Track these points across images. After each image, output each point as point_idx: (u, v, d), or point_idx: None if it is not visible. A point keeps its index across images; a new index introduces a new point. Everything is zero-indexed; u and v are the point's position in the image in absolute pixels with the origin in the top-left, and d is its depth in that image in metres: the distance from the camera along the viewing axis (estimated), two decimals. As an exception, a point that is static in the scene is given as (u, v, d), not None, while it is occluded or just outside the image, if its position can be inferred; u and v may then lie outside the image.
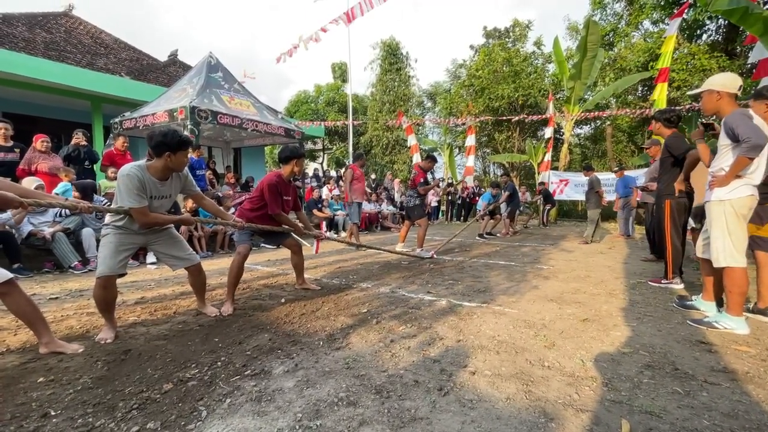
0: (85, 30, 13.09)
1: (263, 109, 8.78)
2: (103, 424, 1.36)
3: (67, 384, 1.67)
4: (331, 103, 22.90)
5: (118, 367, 1.86)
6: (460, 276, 4.09)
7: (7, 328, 2.40)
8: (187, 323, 2.54)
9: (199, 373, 1.77)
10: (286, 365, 1.86)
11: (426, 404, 1.51)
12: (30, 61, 8.24)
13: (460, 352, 2.04)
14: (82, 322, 2.56)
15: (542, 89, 15.70)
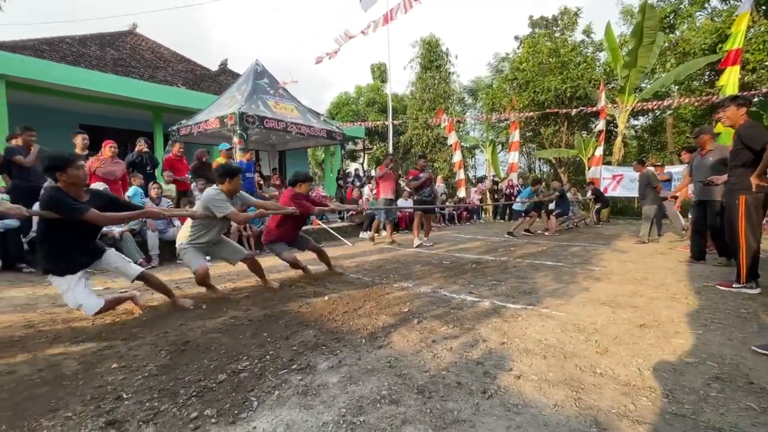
0: (146, 46, 14.22)
1: (306, 113, 9.07)
2: (167, 409, 1.49)
3: (136, 370, 1.84)
4: (371, 104, 23.12)
5: (179, 356, 2.01)
6: (503, 277, 3.98)
7: (85, 319, 2.68)
8: (238, 318, 2.69)
9: (250, 366, 1.88)
10: (330, 361, 1.92)
11: (469, 406, 1.49)
12: (102, 78, 9.10)
13: (504, 355, 1.99)
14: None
15: (593, 79, 14.81)
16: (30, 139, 4.98)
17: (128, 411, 1.47)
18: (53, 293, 3.40)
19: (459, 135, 15.76)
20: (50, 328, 2.48)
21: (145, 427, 1.37)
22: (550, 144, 16.91)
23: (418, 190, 6.66)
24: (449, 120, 13.67)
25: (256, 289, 3.52)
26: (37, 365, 1.89)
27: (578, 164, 16.59)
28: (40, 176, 5.04)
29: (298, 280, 3.90)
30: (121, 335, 2.34)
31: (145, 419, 1.41)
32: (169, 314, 2.77)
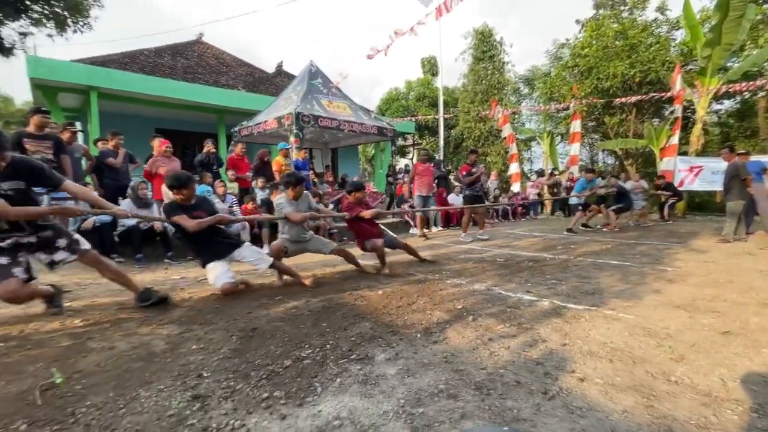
0: (211, 53, 15.29)
1: (358, 110, 9.23)
2: (241, 388, 1.63)
3: (213, 352, 2.03)
4: (422, 98, 22.94)
5: (248, 342, 2.19)
6: (563, 276, 3.80)
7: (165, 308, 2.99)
8: (298, 308, 2.85)
9: (312, 353, 1.99)
10: (387, 353, 1.98)
11: (529, 406, 1.46)
12: (174, 85, 9.97)
13: (565, 357, 1.92)
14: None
15: (666, 62, 13.44)
16: (118, 143, 5.60)
17: (209, 388, 1.63)
18: (142, 280, 3.83)
19: (514, 127, 15.15)
20: (140, 312, 2.80)
21: (224, 402, 1.51)
22: (616, 134, 15.66)
23: (470, 186, 6.69)
24: (503, 112, 13.18)
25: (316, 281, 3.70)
26: (132, 343, 2.16)
27: (648, 155, 15.20)
28: (127, 176, 5.68)
29: (351, 275, 4.03)
30: (198, 320, 2.58)
31: (224, 396, 1.56)
32: (237, 303, 3.00)
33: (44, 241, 2.57)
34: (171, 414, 1.43)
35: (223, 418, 1.41)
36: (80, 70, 8.73)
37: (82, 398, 1.56)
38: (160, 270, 4.47)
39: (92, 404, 1.51)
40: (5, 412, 1.45)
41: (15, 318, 2.61)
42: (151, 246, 5.01)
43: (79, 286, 3.54)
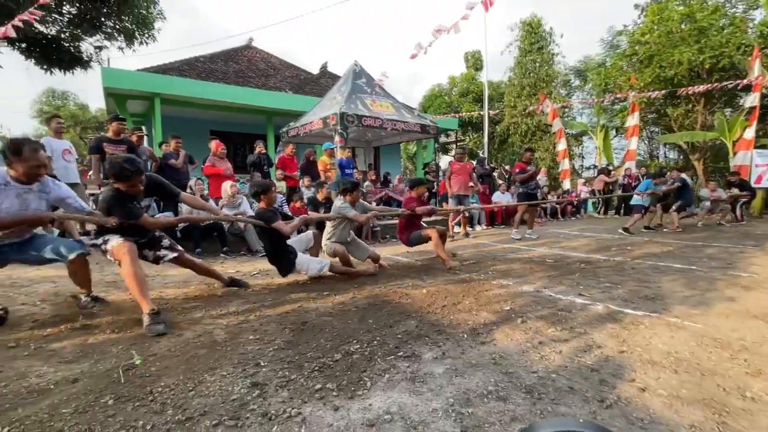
0: (260, 57, 15.99)
1: (401, 108, 9.25)
2: (295, 378, 1.72)
3: (268, 343, 2.15)
4: (465, 94, 22.47)
5: (300, 334, 2.29)
6: (619, 279, 3.59)
7: (225, 296, 3.20)
8: (345, 304, 2.93)
9: (361, 349, 2.05)
10: (434, 352, 1.99)
11: (585, 413, 1.42)
12: (226, 89, 10.55)
13: (623, 365, 1.82)
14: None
15: (742, 45, 12.13)
16: (178, 145, 6.04)
17: (266, 376, 1.74)
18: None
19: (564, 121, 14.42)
20: (202, 303, 3.02)
21: (281, 391, 1.61)
22: (680, 126, 14.41)
23: (524, 183, 6.69)
24: (552, 105, 12.59)
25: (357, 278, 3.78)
26: (197, 332, 2.34)
27: (718, 149, 13.86)
28: (187, 176, 6.10)
29: (397, 272, 4.07)
30: (253, 312, 2.74)
31: (280, 385, 1.66)
32: (288, 297, 3.15)
33: (153, 240, 3.03)
34: (234, 398, 1.55)
35: (280, 405, 1.50)
36: (146, 79, 9.51)
37: (157, 379, 1.72)
38: (217, 264, 4.77)
39: (166, 385, 1.66)
40: (96, 387, 1.64)
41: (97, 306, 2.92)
42: (208, 241, 5.38)
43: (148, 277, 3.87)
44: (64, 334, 2.31)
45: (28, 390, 1.63)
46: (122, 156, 2.82)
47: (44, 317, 2.62)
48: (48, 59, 11.10)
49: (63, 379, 1.73)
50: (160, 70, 11.56)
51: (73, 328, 2.42)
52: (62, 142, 5.21)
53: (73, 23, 10.74)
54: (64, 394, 1.60)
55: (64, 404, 1.51)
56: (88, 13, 10.52)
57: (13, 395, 1.59)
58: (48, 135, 5.36)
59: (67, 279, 2.81)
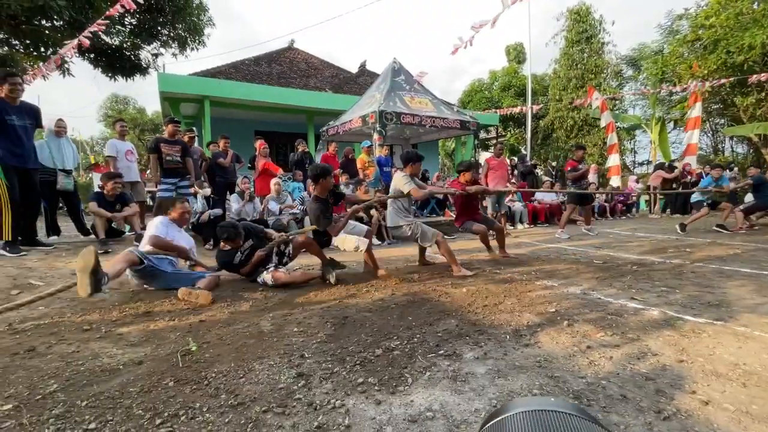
0: (301, 58, 16.42)
1: (440, 105, 9.15)
2: (338, 371, 1.77)
3: (311, 336, 2.22)
4: (507, 88, 21.80)
5: (341, 329, 2.35)
6: (677, 283, 3.34)
7: (267, 289, 3.34)
8: (384, 300, 2.96)
9: (401, 345, 2.06)
10: (475, 352, 1.97)
11: (639, 424, 1.34)
12: (270, 90, 10.95)
13: (683, 375, 1.70)
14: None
15: (828, 24, 10.81)
16: (227, 145, 6.36)
17: (311, 368, 1.80)
18: (247, 267, 4.31)
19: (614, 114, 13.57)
20: (248, 295, 3.18)
21: (325, 382, 1.66)
22: (751, 117, 13.11)
23: (576, 182, 6.59)
24: (601, 98, 11.90)
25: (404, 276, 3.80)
26: (246, 322, 2.46)
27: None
28: (234, 174, 6.42)
29: (436, 271, 4.05)
30: (296, 306, 2.84)
31: (324, 377, 1.71)
32: (328, 291, 3.23)
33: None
34: (281, 387, 1.62)
35: (324, 396, 1.54)
36: (197, 83, 10.09)
37: (211, 365, 1.84)
38: (262, 258, 4.99)
39: (219, 371, 1.77)
40: (158, 369, 1.78)
41: (154, 294, 3.16)
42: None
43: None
44: (129, 320, 2.52)
45: (101, 369, 1.80)
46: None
47: (112, 304, 2.87)
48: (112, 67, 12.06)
49: (130, 360, 1.89)
50: (209, 73, 12.23)
51: (137, 315, 2.64)
52: (126, 144, 5.67)
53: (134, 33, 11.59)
54: (131, 374, 1.75)
55: (131, 384, 1.65)
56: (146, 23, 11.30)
57: (89, 373, 1.76)
58: (113, 137, 5.85)
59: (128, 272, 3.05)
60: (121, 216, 4.86)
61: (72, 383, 1.67)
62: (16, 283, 3.32)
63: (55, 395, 1.57)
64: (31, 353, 1.99)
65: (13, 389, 1.61)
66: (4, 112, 3.93)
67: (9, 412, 1.44)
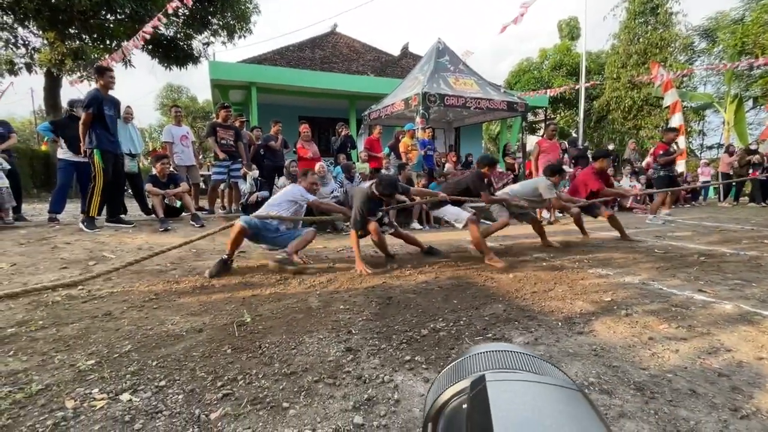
0: (344, 42, 16.40)
1: (486, 86, 8.79)
2: (385, 348, 1.79)
3: (357, 314, 2.26)
4: (558, 67, 20.51)
5: (386, 308, 2.37)
6: (753, 276, 3.02)
7: (311, 268, 3.44)
8: (429, 283, 2.95)
9: (447, 327, 2.05)
10: (525, 337, 1.91)
11: (712, 421, 1.24)
12: (314, 75, 11.07)
13: (763, 373, 1.55)
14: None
15: None
16: (278, 130, 6.54)
17: (358, 343, 1.84)
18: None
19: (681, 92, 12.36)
20: (292, 272, 3.29)
21: (372, 358, 1.69)
22: None
23: (665, 167, 6.41)
24: (667, 75, 10.87)
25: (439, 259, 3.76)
26: (295, 297, 2.56)
27: None
28: (283, 158, 6.60)
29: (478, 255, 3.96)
30: (342, 284, 2.91)
31: (371, 352, 1.74)
32: (371, 275, 3.26)
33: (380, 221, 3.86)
34: (330, 360, 1.67)
35: (373, 371, 1.57)
36: (245, 70, 10.41)
37: (264, 336, 1.93)
38: (307, 239, 5.13)
39: (272, 342, 1.85)
40: (216, 337, 1.90)
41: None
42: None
43: (250, 248, 4.31)
44: (188, 292, 2.71)
45: (167, 334, 1.95)
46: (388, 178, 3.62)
47: (174, 277, 3.09)
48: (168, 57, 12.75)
49: (191, 328, 2.03)
50: (256, 60, 12.56)
51: (195, 287, 2.82)
52: (181, 129, 6.00)
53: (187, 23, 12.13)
54: (193, 340, 1.88)
55: (194, 348, 1.78)
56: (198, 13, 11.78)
57: (156, 337, 1.92)
58: (169, 123, 6.21)
59: (189, 247, 3.26)
60: (173, 192, 5.18)
61: (143, 345, 1.82)
62: (92, 255, 3.67)
63: (129, 354, 1.72)
64: (107, 317, 2.20)
65: (94, 347, 1.79)
66: (102, 103, 4.35)
67: (92, 367, 1.60)
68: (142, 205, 6.05)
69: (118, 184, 4.99)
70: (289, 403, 1.35)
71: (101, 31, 11.04)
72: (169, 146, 5.93)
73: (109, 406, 1.34)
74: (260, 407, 1.33)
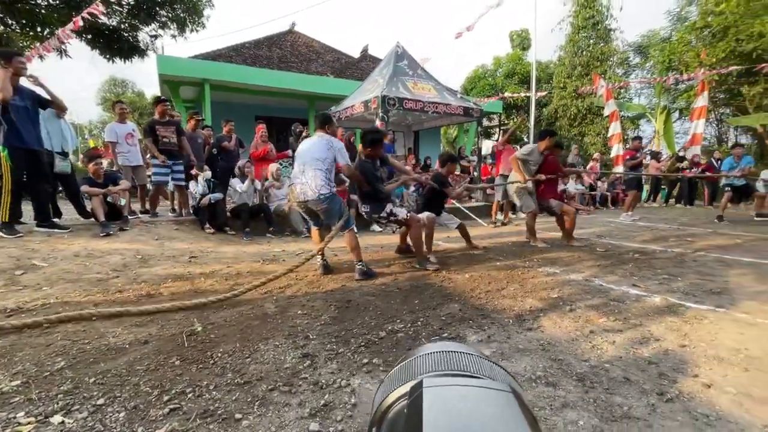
0: (302, 42, 16.14)
1: (443, 91, 9.03)
2: (343, 352, 1.78)
3: (315, 318, 2.23)
4: (511, 75, 21.47)
5: (345, 312, 2.36)
6: (678, 271, 3.35)
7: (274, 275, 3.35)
8: (388, 285, 2.97)
9: (405, 328, 2.08)
10: (479, 335, 1.98)
11: (642, 405, 1.36)
12: (271, 74, 10.80)
13: (685, 359, 1.72)
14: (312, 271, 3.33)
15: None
16: (231, 129, 6.30)
17: (316, 348, 1.82)
18: (250, 251, 4.33)
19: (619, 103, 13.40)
20: (252, 278, 3.18)
21: (330, 363, 1.67)
22: (757, 107, 12.95)
23: (633, 169, 7.19)
24: (607, 86, 11.75)
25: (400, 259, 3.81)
26: (250, 304, 2.48)
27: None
28: (238, 158, 6.37)
29: (438, 257, 4.06)
30: (300, 289, 2.85)
31: (329, 357, 1.73)
32: (331, 277, 3.24)
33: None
34: (287, 367, 1.63)
35: (330, 376, 1.56)
36: (198, 66, 9.95)
37: (217, 345, 1.85)
38: (264, 243, 4.99)
39: (224, 351, 1.78)
40: (164, 349, 1.80)
41: (157, 277, 3.17)
42: (255, 221, 5.62)
43: (203, 253, 4.12)
44: (133, 301, 2.53)
45: (108, 348, 1.81)
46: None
47: (117, 286, 2.88)
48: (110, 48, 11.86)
49: (135, 340, 1.91)
50: (210, 56, 12.03)
51: (140, 296, 2.65)
52: (126, 126, 5.59)
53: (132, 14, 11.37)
54: (137, 353, 1.76)
55: (138, 362, 1.67)
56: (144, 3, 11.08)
57: (95, 351, 1.78)
58: (113, 120, 5.78)
59: (133, 253, 3.06)
60: (117, 190, 4.80)
61: (79, 361, 1.68)
62: (20, 264, 3.32)
63: (63, 372, 1.58)
64: (37, 331, 2.00)
65: (20, 366, 1.63)
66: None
67: (17, 388, 1.46)
68: (78, 208, 5.56)
69: (42, 186, 4.44)
70: (242, 414, 1.31)
71: (31, 17, 10.06)
72: (112, 146, 5.51)
73: (36, 430, 1.22)
74: (210, 420, 1.28)
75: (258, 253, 4.19)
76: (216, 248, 4.37)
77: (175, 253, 3.92)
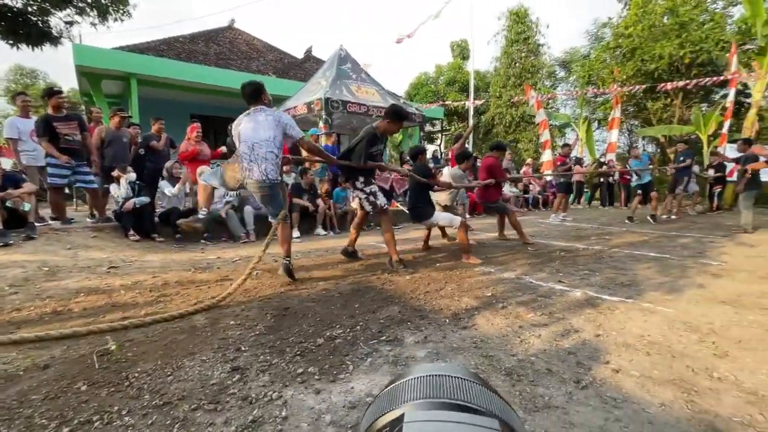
0: (242, 39, 15.48)
1: (386, 95, 9.16)
2: (276, 363, 1.71)
3: (249, 329, 2.12)
4: (452, 83, 22.40)
5: (282, 320, 2.27)
6: (597, 267, 3.68)
7: (204, 281, 3.14)
8: (329, 290, 2.92)
9: (343, 333, 2.05)
10: (416, 336, 2.01)
11: (561, 394, 1.45)
12: (208, 71, 10.22)
13: (599, 348, 1.88)
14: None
15: (721, 41, 12.43)
16: (161, 128, 5.83)
17: (247, 361, 1.72)
18: (180, 259, 4.03)
19: (548, 112, 14.54)
20: (181, 288, 2.96)
21: (262, 375, 1.59)
22: (659, 120, 14.76)
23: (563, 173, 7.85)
24: (537, 97, 12.68)
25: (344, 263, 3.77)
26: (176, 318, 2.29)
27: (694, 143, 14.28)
28: (166, 159, 5.91)
29: (381, 260, 4.08)
30: (234, 298, 2.70)
31: (261, 369, 1.64)
32: (270, 283, 3.11)
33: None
34: (213, 383, 1.53)
35: (261, 389, 1.48)
36: (121, 58, 9.11)
37: (134, 364, 1.68)
38: (197, 250, 4.68)
39: (143, 370, 1.62)
40: (68, 373, 1.59)
41: (66, 291, 2.83)
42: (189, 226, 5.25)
43: (125, 263, 3.76)
44: (35, 320, 2.23)
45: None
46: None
47: (14, 303, 2.51)
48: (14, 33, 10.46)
49: (33, 365, 1.67)
50: (137, 49, 11.06)
51: (44, 314, 2.34)
52: (30, 121, 4.93)
53: (41, -4, 10.15)
54: (35, 380, 1.54)
55: (33, 390, 1.46)
56: (57, -14, 9.95)
57: (-22, 382, 1.53)
58: (15, 114, 5.08)
59: (38, 264, 2.70)
60: (17, 193, 4.18)
61: (-44, 395, 1.43)
62: None
63: (-68, 410, 1.33)
64: None
65: None
66: None
67: None
68: (-29, 214, 4.80)
69: None
70: (159, 440, 1.19)
71: None
72: (13, 143, 4.84)
73: None
74: (120, 450, 1.15)
75: (189, 261, 3.91)
76: (141, 257, 4.01)
77: (91, 264, 3.53)
